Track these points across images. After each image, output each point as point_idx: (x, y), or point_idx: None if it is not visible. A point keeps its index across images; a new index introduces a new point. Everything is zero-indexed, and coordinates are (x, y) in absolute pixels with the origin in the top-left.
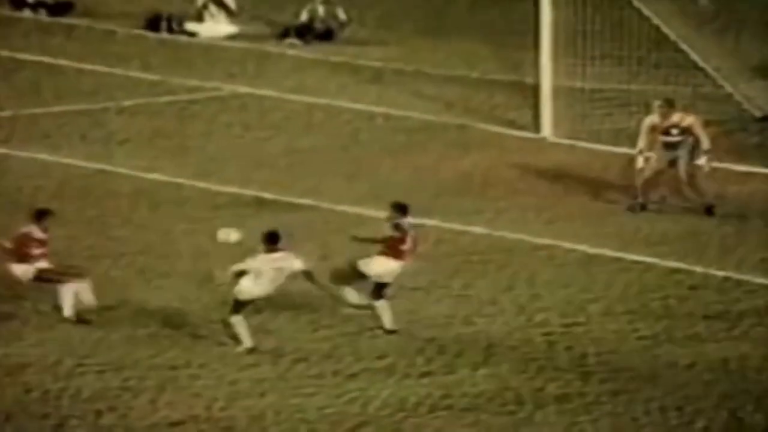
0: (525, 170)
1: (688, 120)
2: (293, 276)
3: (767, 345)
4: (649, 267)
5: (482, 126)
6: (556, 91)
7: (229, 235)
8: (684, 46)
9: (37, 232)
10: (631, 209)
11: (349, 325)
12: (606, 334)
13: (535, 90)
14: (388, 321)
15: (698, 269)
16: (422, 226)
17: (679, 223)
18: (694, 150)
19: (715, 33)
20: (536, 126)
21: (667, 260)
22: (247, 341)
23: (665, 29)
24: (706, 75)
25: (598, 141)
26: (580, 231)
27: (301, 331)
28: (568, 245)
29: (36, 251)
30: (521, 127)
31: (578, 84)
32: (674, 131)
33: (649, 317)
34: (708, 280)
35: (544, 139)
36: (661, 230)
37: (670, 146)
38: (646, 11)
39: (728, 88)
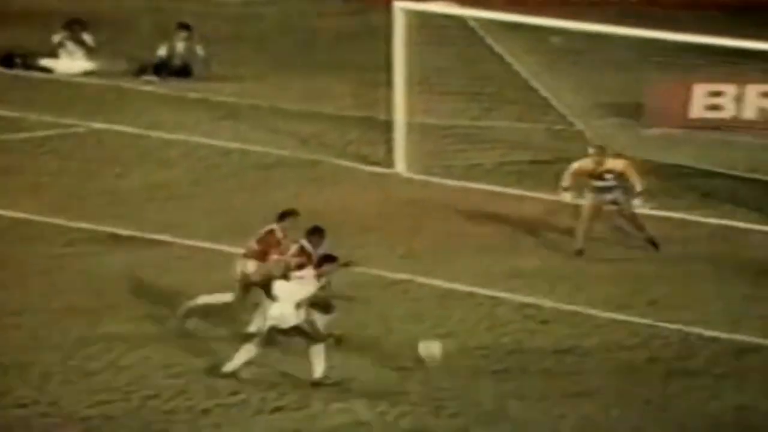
0: (379, 205)
1: (621, 164)
2: None
3: (618, 378)
4: (500, 301)
5: (336, 161)
6: (410, 127)
7: (430, 349)
8: (536, 84)
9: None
10: (578, 254)
11: (201, 361)
12: (459, 369)
13: (389, 126)
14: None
15: (548, 303)
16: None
17: (533, 259)
18: (628, 192)
19: (568, 70)
20: (390, 161)
21: (519, 294)
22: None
23: (517, 66)
24: (558, 113)
25: (452, 176)
26: (433, 266)
27: (155, 369)
28: (422, 280)
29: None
30: (375, 163)
31: (431, 120)
32: (608, 176)
33: (500, 351)
34: (559, 315)
35: (397, 174)
36: (514, 265)
37: (604, 190)
38: (497, 48)
39: (580, 126)
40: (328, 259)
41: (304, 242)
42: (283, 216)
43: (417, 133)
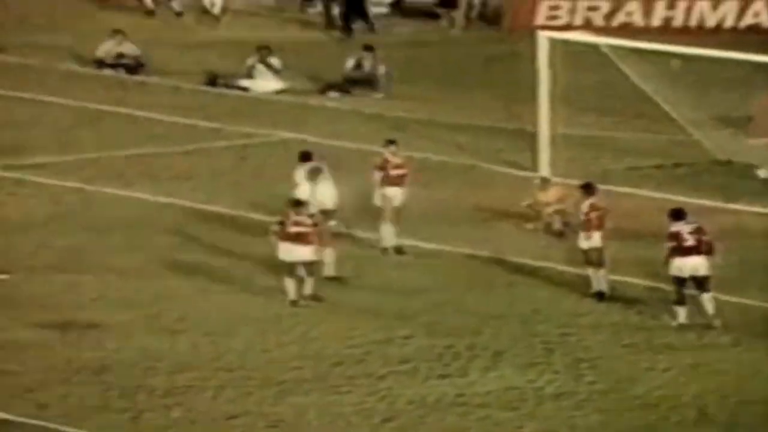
0: (528, 205)
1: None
2: None
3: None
4: (628, 284)
5: (489, 166)
6: (552, 138)
7: None
8: (659, 100)
9: None
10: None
11: (379, 333)
12: (593, 343)
13: (534, 136)
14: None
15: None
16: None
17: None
18: None
19: (686, 89)
20: (535, 167)
21: (640, 279)
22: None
23: (643, 85)
24: (679, 125)
25: (588, 180)
26: (556, 252)
27: (338, 338)
28: (561, 267)
29: None
30: (522, 168)
31: (571, 131)
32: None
33: (630, 328)
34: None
35: (543, 178)
36: (638, 255)
37: None
38: (626, 70)
39: (697, 136)
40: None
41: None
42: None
43: (558, 142)
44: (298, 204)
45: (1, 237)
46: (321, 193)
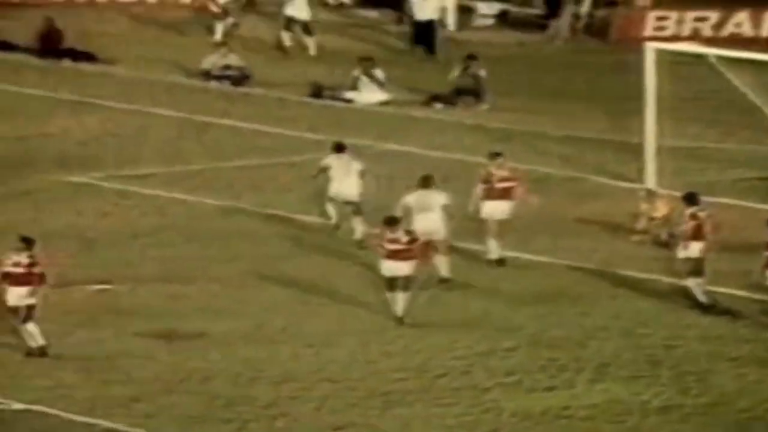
0: (633, 216)
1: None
2: None
3: None
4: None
5: (595, 178)
6: (658, 149)
7: None
8: (767, 111)
9: None
10: None
11: (482, 344)
12: (700, 355)
13: (640, 148)
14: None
15: None
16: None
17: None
18: None
19: None
20: (641, 179)
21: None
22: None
23: (751, 96)
24: None
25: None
26: (662, 264)
27: (442, 350)
28: (667, 279)
29: None
30: (628, 180)
31: (677, 143)
32: None
33: (737, 341)
34: None
35: (648, 190)
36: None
37: None
38: (734, 81)
39: None
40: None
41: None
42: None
43: (664, 154)
44: (392, 222)
45: (106, 247)
46: (348, 185)
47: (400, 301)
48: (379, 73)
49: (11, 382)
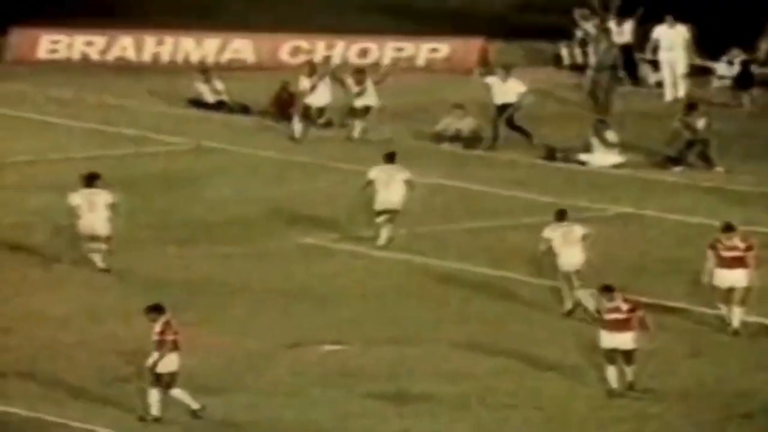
0: None
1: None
2: None
3: None
4: None
5: None
6: None
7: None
8: None
9: None
10: None
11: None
12: None
13: None
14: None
15: None
16: None
17: None
18: None
19: None
20: None
21: None
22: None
23: None
24: None
25: None
26: None
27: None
28: None
29: None
30: None
31: None
32: None
33: None
34: None
35: None
36: None
37: None
38: None
39: None
40: None
41: None
42: None
43: None
44: (609, 290)
45: (339, 308)
46: (394, 192)
47: (626, 373)
48: (610, 134)
49: None
